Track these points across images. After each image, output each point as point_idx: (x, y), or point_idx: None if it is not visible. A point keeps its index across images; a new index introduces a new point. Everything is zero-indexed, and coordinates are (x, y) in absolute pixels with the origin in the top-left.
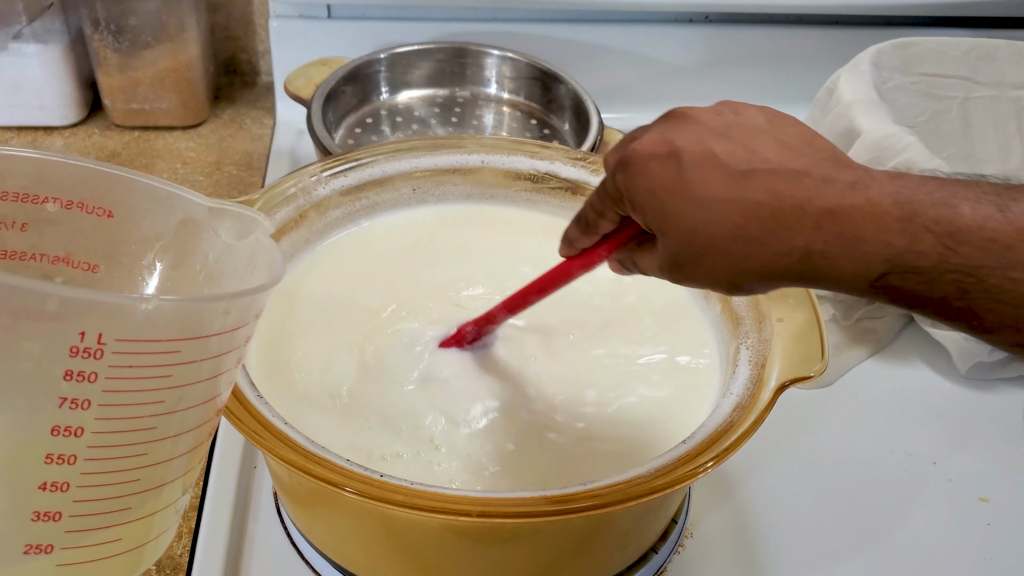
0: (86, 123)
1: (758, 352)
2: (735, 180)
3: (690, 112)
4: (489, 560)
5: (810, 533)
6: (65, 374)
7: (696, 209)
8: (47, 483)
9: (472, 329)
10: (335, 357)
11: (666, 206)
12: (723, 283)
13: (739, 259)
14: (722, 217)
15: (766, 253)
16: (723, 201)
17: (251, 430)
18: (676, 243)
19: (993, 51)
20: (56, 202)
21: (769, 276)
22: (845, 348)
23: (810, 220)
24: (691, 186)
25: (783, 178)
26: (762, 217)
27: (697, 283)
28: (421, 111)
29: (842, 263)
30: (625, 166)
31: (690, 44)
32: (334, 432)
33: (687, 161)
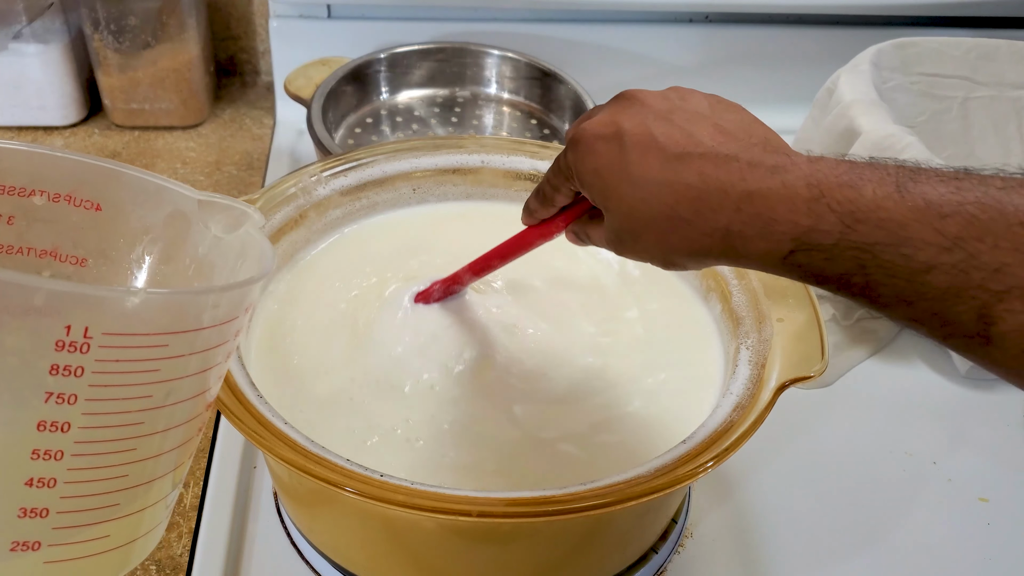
0: (86, 123)
1: (758, 352)
2: (670, 163)
3: (638, 95)
4: (489, 560)
5: (810, 533)
6: (51, 368)
7: (634, 189)
8: (33, 479)
9: (439, 287)
10: (335, 357)
11: (608, 185)
12: (658, 258)
13: (670, 237)
14: (656, 198)
15: (693, 233)
16: (658, 183)
17: (251, 430)
18: (617, 220)
19: (993, 51)
20: (44, 195)
21: (696, 254)
22: (845, 348)
23: (731, 202)
24: (631, 167)
25: (712, 162)
26: (690, 198)
27: (637, 257)
28: (421, 111)
29: (756, 243)
30: (575, 144)
31: (690, 44)
32: (334, 432)
33: (629, 143)
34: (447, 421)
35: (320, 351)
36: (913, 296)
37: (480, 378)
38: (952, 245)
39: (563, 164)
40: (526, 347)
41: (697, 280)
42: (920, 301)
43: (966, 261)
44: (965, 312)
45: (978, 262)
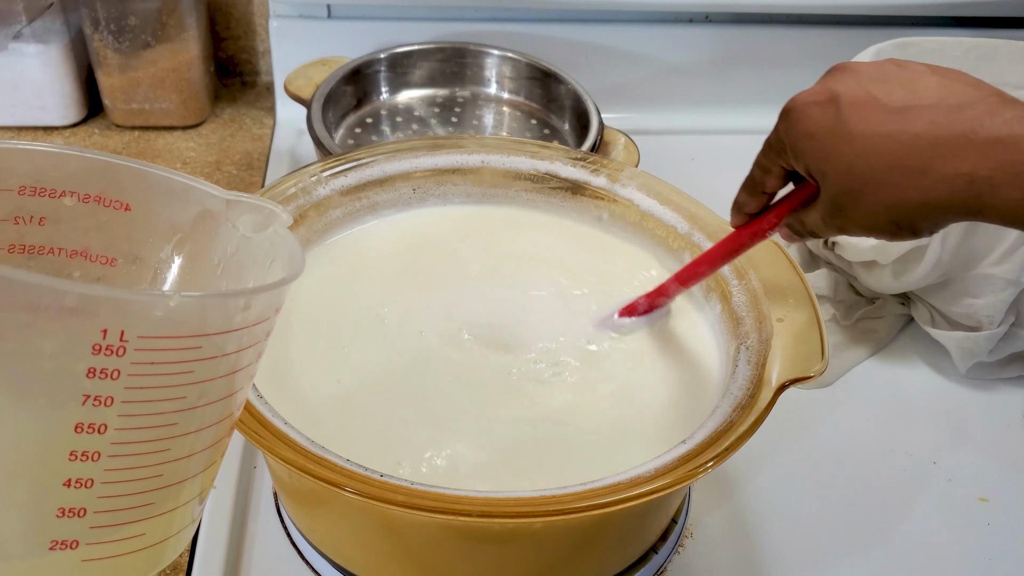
0: (86, 123)
1: (758, 352)
2: (892, 115)
3: (851, 65)
4: (489, 560)
5: (810, 533)
6: (88, 371)
7: (853, 145)
8: (71, 480)
9: (644, 301)
10: (335, 357)
11: (824, 146)
12: (884, 221)
13: (899, 191)
14: (879, 149)
15: (927, 181)
16: (880, 135)
17: (251, 430)
18: (835, 183)
19: (993, 51)
20: (73, 196)
21: (931, 207)
22: (845, 348)
23: (975, 148)
24: (849, 125)
25: (943, 111)
26: (921, 147)
27: (859, 224)
28: (421, 111)
29: (1008, 192)
30: (786, 114)
31: (690, 44)
32: (332, 431)
33: (845, 103)
34: (447, 421)
35: (320, 351)
36: None
37: (481, 376)
38: None
39: (773, 140)
40: (526, 347)
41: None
42: None
43: None
44: None
45: None
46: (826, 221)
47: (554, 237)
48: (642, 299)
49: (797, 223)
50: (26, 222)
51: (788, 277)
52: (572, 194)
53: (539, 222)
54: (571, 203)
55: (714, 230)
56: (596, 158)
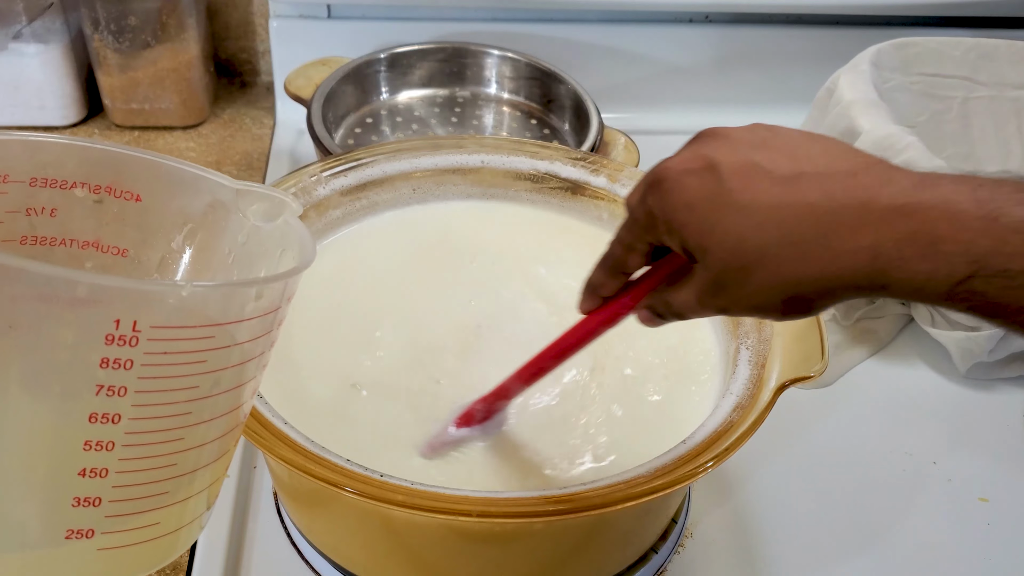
0: (86, 123)
1: (758, 352)
2: (781, 184)
3: (721, 130)
4: (489, 560)
5: (810, 533)
6: (101, 362)
7: (741, 217)
8: (86, 469)
9: (481, 407)
10: (334, 357)
11: (707, 218)
12: (776, 299)
13: (795, 265)
14: (773, 222)
15: (827, 255)
16: (772, 206)
17: (251, 430)
18: (721, 258)
19: (993, 51)
20: (84, 187)
21: (831, 282)
22: (845, 348)
23: (875, 217)
24: (734, 195)
25: (834, 180)
26: (817, 216)
27: (745, 304)
28: (421, 111)
29: (918, 264)
30: (657, 185)
31: (690, 44)
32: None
33: (726, 171)
34: (446, 419)
35: (320, 351)
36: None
37: (481, 376)
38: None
39: (640, 214)
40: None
41: None
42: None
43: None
44: None
45: None
46: (703, 301)
47: (554, 237)
48: (478, 404)
49: (661, 305)
50: (37, 213)
51: None
52: (572, 194)
53: (539, 222)
54: (571, 203)
55: None
56: (596, 158)
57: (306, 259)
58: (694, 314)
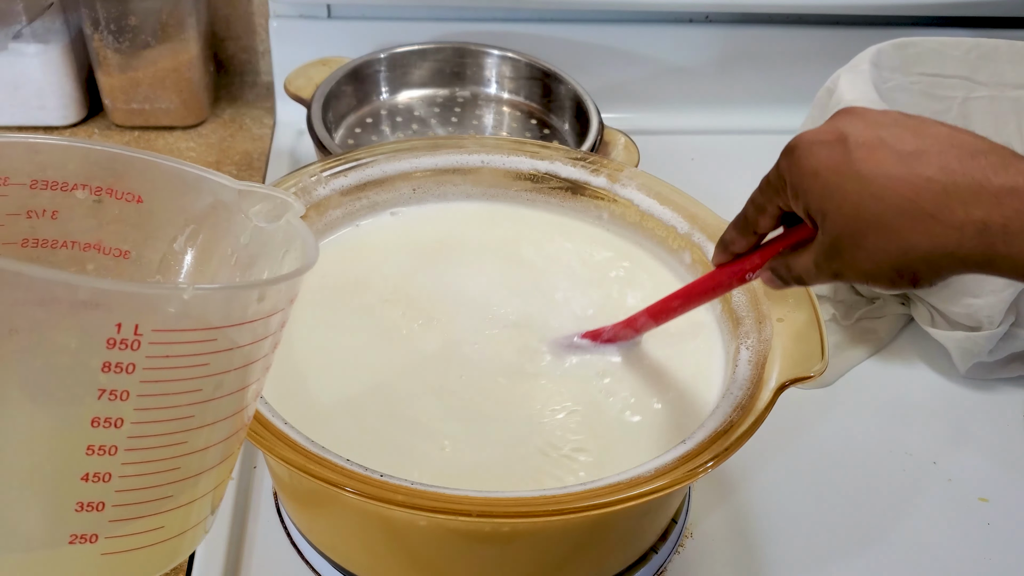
0: (86, 123)
1: (758, 352)
2: (903, 158)
3: (859, 108)
4: (489, 560)
5: (810, 533)
6: (103, 366)
7: (862, 185)
8: (89, 474)
9: (609, 330)
10: (334, 356)
11: (829, 185)
12: (886, 267)
13: (907, 235)
14: (890, 191)
15: (938, 227)
16: (891, 177)
17: (251, 430)
18: (839, 223)
19: (993, 51)
20: (85, 189)
21: (939, 254)
22: (845, 348)
23: (989, 195)
24: (857, 164)
25: (955, 158)
26: (934, 191)
27: (858, 269)
28: (421, 111)
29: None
30: (791, 151)
31: (690, 44)
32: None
33: (854, 144)
34: (446, 420)
35: (320, 351)
36: None
37: (481, 375)
38: None
39: (773, 177)
40: (527, 347)
41: None
42: None
43: None
44: None
45: None
46: (820, 265)
47: (554, 237)
48: (608, 328)
49: (783, 267)
50: (38, 216)
51: None
52: (572, 194)
53: (539, 222)
54: (571, 203)
55: (714, 230)
56: (596, 158)
57: (309, 260)
58: (812, 279)
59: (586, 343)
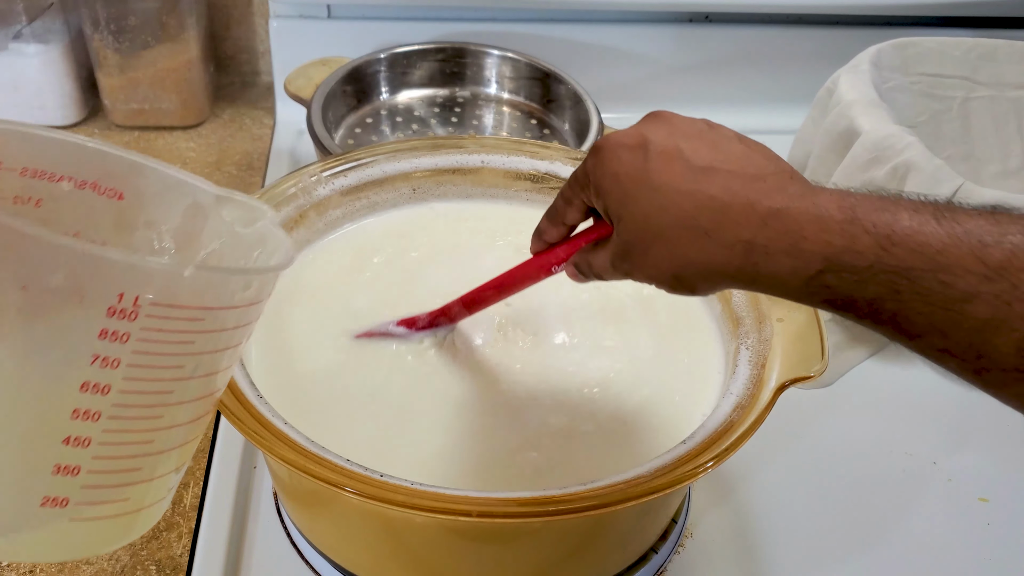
0: (86, 123)
1: (758, 352)
2: (694, 173)
3: (667, 115)
4: (489, 560)
5: (810, 533)
6: (100, 332)
7: (652, 195)
8: (71, 437)
9: (425, 318)
10: (334, 356)
11: (626, 191)
12: (667, 275)
13: (685, 249)
14: (675, 205)
15: (711, 246)
16: (679, 191)
17: (251, 430)
18: (630, 229)
19: (993, 51)
20: (71, 181)
21: (711, 270)
22: (845, 348)
23: (757, 217)
24: (652, 175)
25: (740, 179)
26: (713, 209)
27: (644, 273)
28: (421, 111)
29: (781, 259)
30: (597, 151)
31: (690, 44)
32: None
33: (653, 152)
34: (445, 420)
35: (320, 351)
36: (948, 326)
37: (481, 376)
38: (995, 275)
39: (580, 174)
40: (527, 347)
41: None
42: (956, 331)
43: (1009, 292)
44: (1004, 344)
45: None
46: (614, 264)
47: None
48: (423, 316)
49: (584, 263)
50: (24, 202)
51: None
52: None
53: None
54: None
55: None
56: None
57: (288, 257)
58: (608, 276)
59: (401, 330)
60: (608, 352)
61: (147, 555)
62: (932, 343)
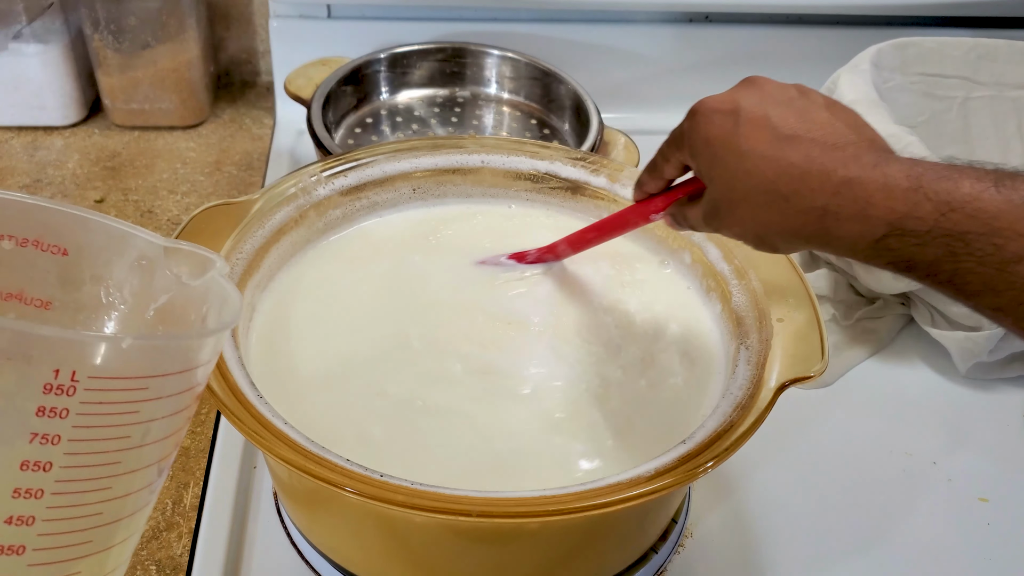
0: (86, 123)
1: (758, 352)
2: (779, 141)
3: (761, 81)
4: (489, 560)
5: (810, 533)
6: (38, 410)
7: (739, 160)
8: (13, 517)
9: (534, 253)
10: (333, 356)
11: (716, 154)
12: (750, 234)
13: (766, 212)
14: (759, 171)
15: (789, 210)
16: (763, 157)
17: (251, 430)
18: (718, 190)
19: (993, 51)
20: (12, 239)
21: (789, 233)
22: (845, 348)
23: (831, 185)
24: (740, 140)
25: (820, 147)
26: (792, 176)
27: (731, 230)
28: (421, 111)
29: (850, 224)
30: (692, 115)
31: (690, 44)
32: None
33: (743, 118)
34: (443, 416)
35: (320, 351)
36: (1002, 285)
37: (481, 376)
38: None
39: (677, 134)
40: (527, 346)
41: (697, 280)
42: (1008, 290)
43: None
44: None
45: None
46: (705, 220)
47: (555, 237)
48: (532, 252)
49: (680, 215)
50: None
51: (788, 277)
52: (572, 194)
53: (539, 222)
54: (571, 203)
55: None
56: (596, 158)
57: (231, 318)
58: (700, 228)
59: (511, 263)
60: (608, 351)
61: (147, 555)
62: (988, 302)
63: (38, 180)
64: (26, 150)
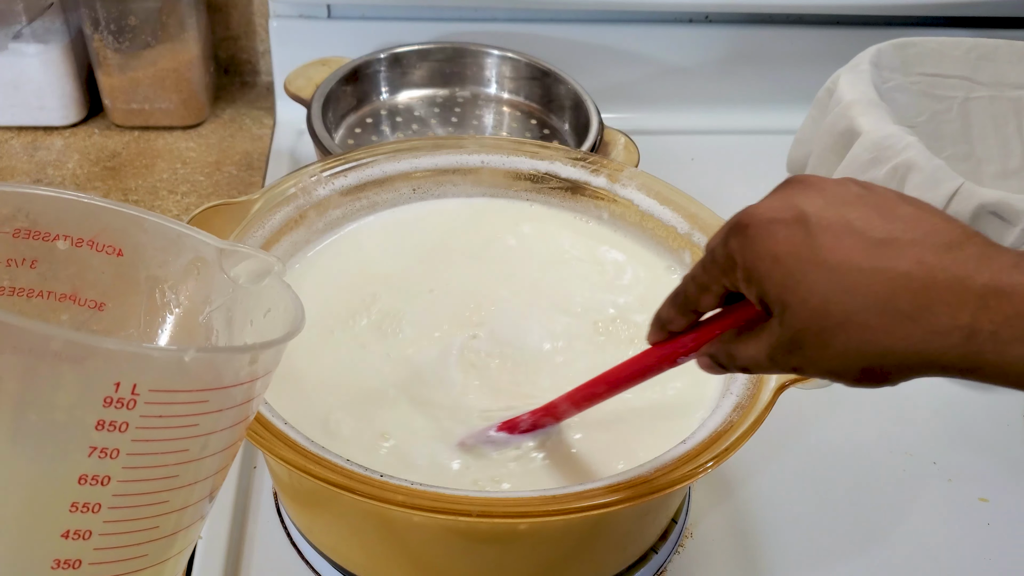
0: (86, 123)
1: None
2: (876, 248)
3: (813, 179)
4: (489, 560)
5: (810, 533)
6: (97, 424)
7: (831, 276)
8: (70, 531)
9: (528, 419)
10: (333, 356)
11: (792, 273)
12: (854, 367)
13: (883, 337)
14: (864, 287)
15: (919, 331)
16: (863, 270)
17: (251, 430)
18: (802, 317)
19: (993, 51)
20: (67, 240)
21: (918, 359)
22: None
23: (974, 297)
24: (823, 252)
25: (931, 250)
26: (913, 289)
27: (820, 367)
28: (421, 111)
29: (1016, 348)
30: (742, 229)
31: (690, 44)
32: (329, 425)
33: (816, 225)
34: (442, 417)
35: (320, 351)
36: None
37: (481, 377)
38: None
39: (720, 255)
40: (527, 346)
41: None
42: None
43: None
44: None
45: None
46: (775, 359)
47: (555, 237)
48: (526, 417)
49: (724, 355)
50: (18, 264)
51: None
52: (572, 194)
53: (539, 222)
54: (571, 203)
55: (714, 230)
56: (596, 158)
57: (296, 325)
58: (761, 370)
59: (502, 436)
60: (608, 352)
61: None
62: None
63: (38, 180)
64: (26, 150)
